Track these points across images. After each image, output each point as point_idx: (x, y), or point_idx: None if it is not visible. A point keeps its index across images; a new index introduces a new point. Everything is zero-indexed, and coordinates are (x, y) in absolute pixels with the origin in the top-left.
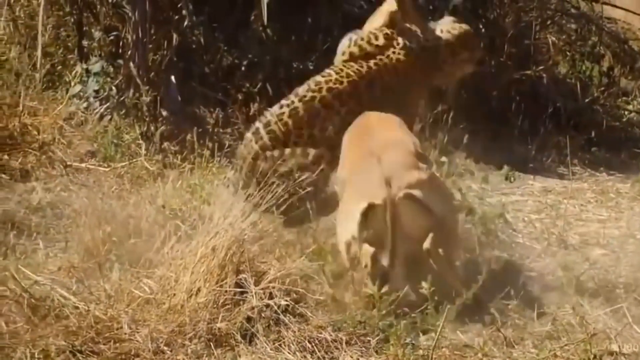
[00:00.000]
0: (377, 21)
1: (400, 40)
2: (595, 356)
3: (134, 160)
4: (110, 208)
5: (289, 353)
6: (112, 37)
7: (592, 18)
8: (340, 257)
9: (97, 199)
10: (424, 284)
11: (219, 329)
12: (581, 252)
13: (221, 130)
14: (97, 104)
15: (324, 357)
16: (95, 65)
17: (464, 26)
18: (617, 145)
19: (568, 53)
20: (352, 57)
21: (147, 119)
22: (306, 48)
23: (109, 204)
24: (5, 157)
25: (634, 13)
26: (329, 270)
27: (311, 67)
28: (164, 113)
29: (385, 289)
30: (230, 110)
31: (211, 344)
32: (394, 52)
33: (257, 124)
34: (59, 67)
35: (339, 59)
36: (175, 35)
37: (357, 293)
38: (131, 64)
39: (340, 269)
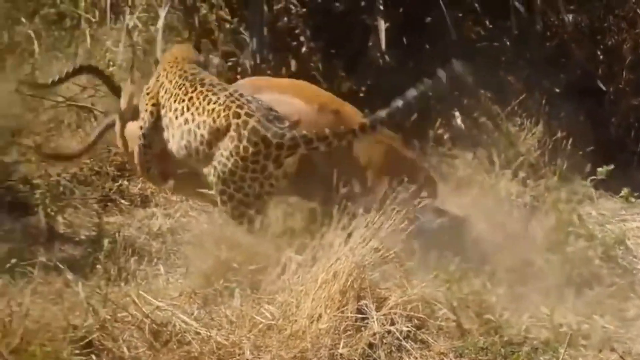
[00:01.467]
0: None
1: None
2: None
3: None
4: (230, 234)
5: None
6: (230, 63)
7: None
8: None
9: (218, 225)
10: None
11: (340, 354)
12: None
13: None
14: None
15: None
16: None
17: None
18: None
19: None
20: None
21: None
22: (424, 74)
23: (229, 229)
24: (125, 182)
25: None
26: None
27: (430, 93)
28: None
29: None
30: None
31: None
32: None
33: None
34: None
35: None
36: (293, 61)
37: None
38: None
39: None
